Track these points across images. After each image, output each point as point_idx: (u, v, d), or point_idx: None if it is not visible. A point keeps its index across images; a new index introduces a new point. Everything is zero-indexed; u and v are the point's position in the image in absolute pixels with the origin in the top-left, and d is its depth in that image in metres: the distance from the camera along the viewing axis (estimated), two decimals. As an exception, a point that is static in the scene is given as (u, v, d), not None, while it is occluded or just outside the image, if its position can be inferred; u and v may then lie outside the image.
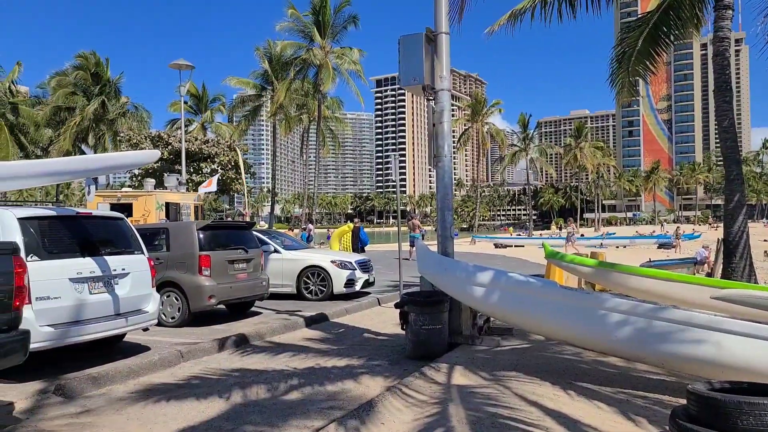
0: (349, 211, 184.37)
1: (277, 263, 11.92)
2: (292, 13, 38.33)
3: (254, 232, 11.06)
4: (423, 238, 22.87)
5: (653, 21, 12.48)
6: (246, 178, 32.40)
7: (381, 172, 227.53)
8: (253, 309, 10.43)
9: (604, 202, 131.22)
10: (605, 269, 8.41)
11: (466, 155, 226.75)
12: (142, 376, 6.07)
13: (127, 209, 16.19)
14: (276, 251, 12.16)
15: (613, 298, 5.54)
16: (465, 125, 73.46)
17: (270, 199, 53.27)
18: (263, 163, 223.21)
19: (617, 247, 39.41)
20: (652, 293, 7.44)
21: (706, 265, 18.36)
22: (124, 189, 24.35)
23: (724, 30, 10.78)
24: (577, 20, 12.00)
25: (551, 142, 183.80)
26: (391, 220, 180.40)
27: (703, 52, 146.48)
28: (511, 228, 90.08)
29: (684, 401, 3.24)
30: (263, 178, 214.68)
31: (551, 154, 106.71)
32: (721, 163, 11.22)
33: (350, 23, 38.64)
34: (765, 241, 43.58)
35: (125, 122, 39.28)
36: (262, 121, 78.63)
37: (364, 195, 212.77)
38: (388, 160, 17.52)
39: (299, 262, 12.12)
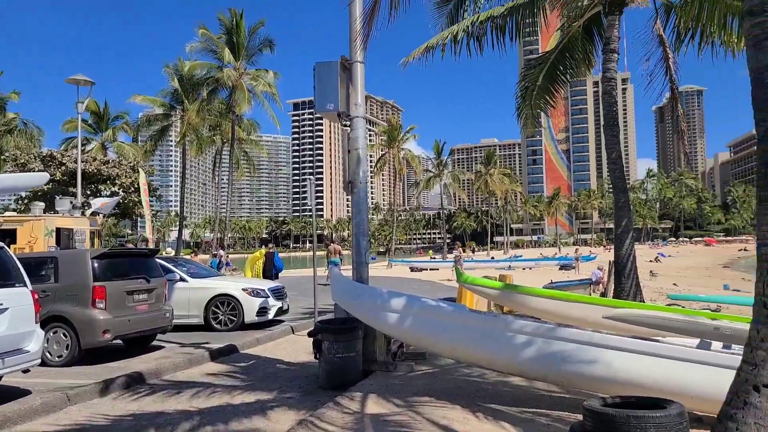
0: (264, 236, 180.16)
1: (182, 292, 11.34)
2: (204, 33, 37.36)
3: (158, 260, 10.46)
4: (341, 263, 22.81)
5: (551, 60, 13.48)
6: (151, 200, 30.76)
7: (298, 196, 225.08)
8: (154, 343, 9.78)
9: (512, 225, 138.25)
10: (510, 291, 8.80)
11: (383, 180, 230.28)
12: (20, 424, 5.48)
13: (9, 236, 14.74)
14: (182, 280, 11.58)
15: (517, 321, 5.79)
16: (382, 150, 74.79)
17: (178, 223, 50.78)
18: (171, 186, 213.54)
19: (524, 269, 41.44)
20: (552, 314, 7.86)
21: (600, 285, 19.76)
22: (7, 213, 22.24)
23: (611, 71, 11.86)
24: (485, 56, 12.75)
25: (464, 168, 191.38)
26: (308, 245, 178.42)
27: (596, 89, 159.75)
28: (430, 251, 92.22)
29: (581, 417, 3.44)
30: (171, 201, 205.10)
31: (464, 180, 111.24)
32: (612, 190, 12.20)
33: (266, 47, 38.29)
34: (650, 261, 47.75)
35: (12, 140, 36.07)
36: (171, 141, 75.33)
37: (281, 219, 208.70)
38: (305, 183, 17.42)
39: (207, 290, 11.61)
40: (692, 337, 5.89)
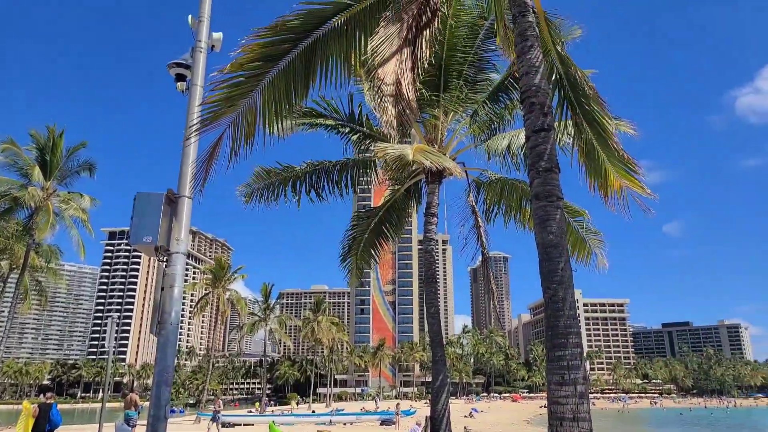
0: (45, 382, 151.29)
1: None
2: (7, 147, 33.47)
3: None
4: (138, 417, 19.65)
5: (378, 216, 14.49)
6: None
7: (98, 335, 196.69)
8: None
9: (336, 376, 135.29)
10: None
11: (202, 322, 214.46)
12: None
13: None
14: None
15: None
16: (206, 290, 70.73)
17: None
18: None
19: (345, 424, 39.87)
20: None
21: (420, 441, 19.62)
22: None
23: (431, 233, 13.05)
24: (322, 203, 13.22)
25: (291, 313, 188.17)
26: (101, 394, 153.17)
27: (421, 246, 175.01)
28: (257, 402, 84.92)
29: None
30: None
31: (290, 326, 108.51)
32: (431, 344, 12.72)
33: (85, 170, 35.59)
34: (465, 417, 49.42)
35: None
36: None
37: (70, 362, 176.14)
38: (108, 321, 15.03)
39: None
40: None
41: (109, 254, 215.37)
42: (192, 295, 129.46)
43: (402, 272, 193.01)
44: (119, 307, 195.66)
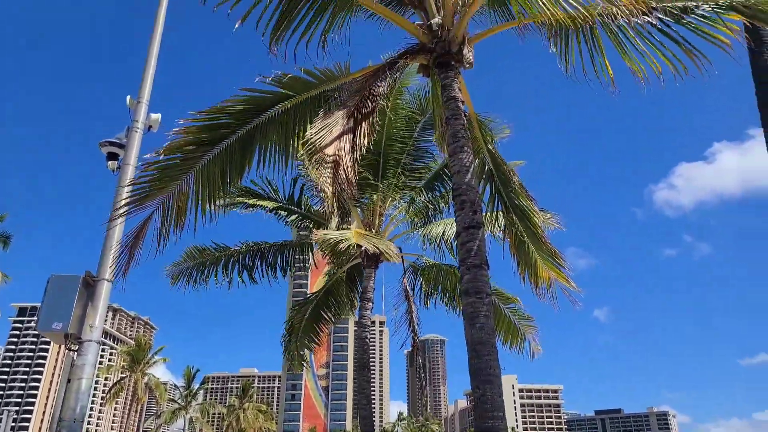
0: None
1: None
2: None
3: None
4: None
5: (316, 301, 14.20)
6: None
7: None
8: None
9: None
10: None
11: (115, 409, 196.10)
12: None
13: None
14: None
15: None
16: (122, 373, 65.38)
17: None
18: None
19: None
20: None
21: None
22: None
23: (365, 318, 12.87)
24: (258, 285, 12.84)
25: (216, 399, 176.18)
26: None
27: (357, 329, 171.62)
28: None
29: None
30: None
31: (214, 414, 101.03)
32: None
33: (-1, 244, 33.34)
34: None
35: None
36: None
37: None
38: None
39: None
40: None
41: (17, 332, 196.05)
42: (106, 378, 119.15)
43: (337, 355, 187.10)
44: (21, 392, 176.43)
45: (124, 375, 64.00)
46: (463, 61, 6.19)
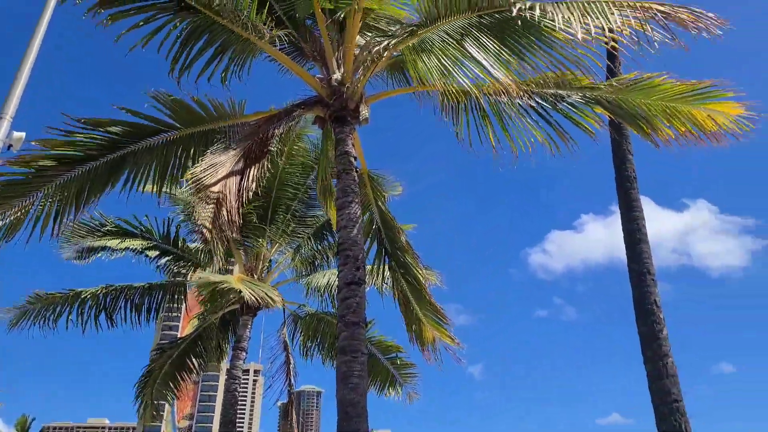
0: None
1: None
2: None
3: None
4: None
5: (183, 347, 13.23)
6: None
7: None
8: None
9: None
10: None
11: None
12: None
13: None
14: None
15: None
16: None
17: None
18: None
19: None
20: None
21: None
22: None
23: (237, 369, 12.19)
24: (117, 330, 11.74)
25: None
26: None
27: (227, 379, 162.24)
28: None
29: None
30: None
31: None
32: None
33: None
34: None
35: None
36: None
37: None
38: None
39: None
40: None
41: None
42: None
43: (203, 405, 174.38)
44: None
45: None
46: (359, 119, 6.33)
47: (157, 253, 11.95)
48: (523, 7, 5.06)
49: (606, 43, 5.20)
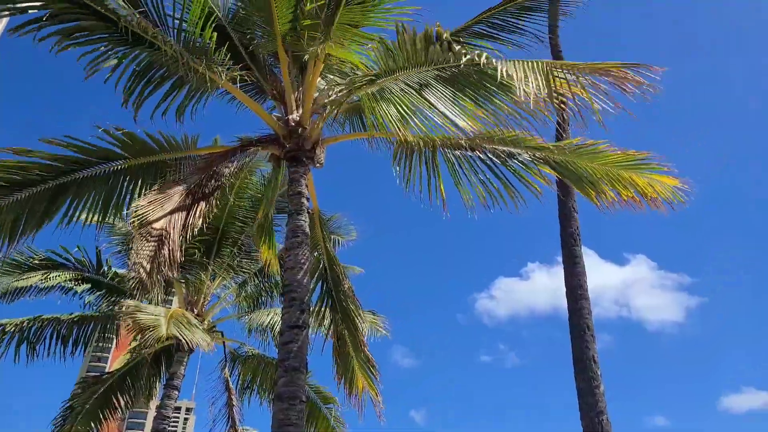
0: None
1: None
2: None
3: None
4: None
5: (109, 383, 12.48)
6: None
7: None
8: None
9: None
10: None
11: None
12: None
13: None
14: None
15: None
16: None
17: None
18: None
19: None
20: None
21: None
22: None
23: (168, 408, 11.58)
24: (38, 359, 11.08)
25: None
26: None
27: (156, 419, 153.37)
28: None
29: None
30: None
31: None
32: None
33: None
34: None
35: None
36: None
37: None
38: None
39: None
40: None
41: None
42: None
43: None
44: None
45: None
46: (315, 160, 6.33)
47: (88, 286, 11.32)
48: (475, 59, 5.13)
49: (554, 104, 5.37)
